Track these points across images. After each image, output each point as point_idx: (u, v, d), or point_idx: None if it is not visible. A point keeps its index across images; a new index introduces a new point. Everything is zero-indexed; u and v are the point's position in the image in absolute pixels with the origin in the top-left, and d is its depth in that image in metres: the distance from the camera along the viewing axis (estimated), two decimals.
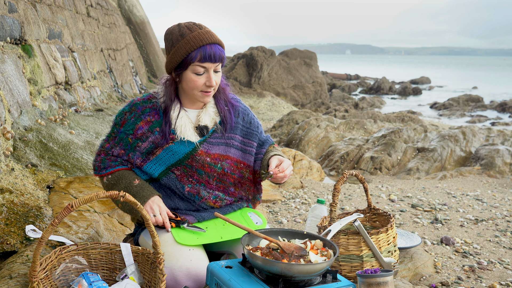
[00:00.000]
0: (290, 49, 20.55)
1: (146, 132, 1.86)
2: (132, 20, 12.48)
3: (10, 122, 3.25)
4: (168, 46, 1.81)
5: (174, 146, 1.86)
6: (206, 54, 1.75)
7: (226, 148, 1.94)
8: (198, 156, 1.88)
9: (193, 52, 1.74)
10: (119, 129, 1.90)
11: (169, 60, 1.80)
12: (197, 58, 1.75)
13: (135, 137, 1.87)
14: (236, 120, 1.98)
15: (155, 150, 1.88)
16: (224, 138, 1.93)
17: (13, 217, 2.23)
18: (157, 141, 1.86)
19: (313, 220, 2.49)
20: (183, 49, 1.74)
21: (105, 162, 1.91)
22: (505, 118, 16.74)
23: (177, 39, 1.76)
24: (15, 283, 1.64)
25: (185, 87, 1.84)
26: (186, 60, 1.76)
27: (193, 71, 1.78)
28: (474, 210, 3.90)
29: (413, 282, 2.32)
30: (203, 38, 1.75)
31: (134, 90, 9.27)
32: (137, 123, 1.87)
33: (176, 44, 1.76)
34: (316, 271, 1.50)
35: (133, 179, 1.87)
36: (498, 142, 7.57)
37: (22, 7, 4.01)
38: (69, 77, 5.09)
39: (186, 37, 1.75)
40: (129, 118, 1.88)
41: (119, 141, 1.90)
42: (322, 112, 14.71)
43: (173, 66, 1.80)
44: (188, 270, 1.73)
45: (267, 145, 2.08)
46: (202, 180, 1.92)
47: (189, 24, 1.80)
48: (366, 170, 6.85)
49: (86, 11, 7.19)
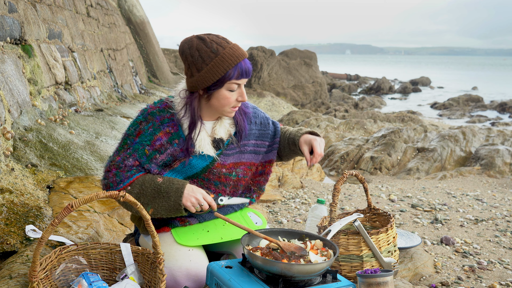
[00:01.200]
0: (290, 49, 20.54)
1: (165, 143, 1.78)
2: (132, 20, 12.48)
3: (10, 122, 3.25)
4: (195, 62, 1.71)
5: (193, 159, 1.81)
6: (243, 71, 1.72)
7: (239, 156, 1.93)
8: (214, 169, 1.85)
9: (231, 70, 1.69)
10: (133, 140, 1.78)
11: (201, 79, 1.71)
12: (235, 76, 1.70)
13: (152, 149, 1.77)
14: (249, 128, 1.96)
15: (173, 163, 1.81)
16: (238, 147, 1.92)
17: (13, 217, 2.23)
18: (176, 153, 1.79)
19: (313, 220, 2.49)
20: (220, 67, 1.68)
21: (120, 175, 1.77)
22: (505, 118, 16.74)
23: (209, 56, 1.69)
24: (15, 283, 1.64)
25: (216, 104, 1.77)
26: (223, 79, 1.70)
27: (227, 88, 1.73)
28: (474, 210, 3.90)
29: (413, 282, 2.32)
30: (238, 54, 1.70)
31: (134, 90, 9.27)
32: (155, 134, 1.77)
33: (209, 61, 1.69)
34: (316, 271, 1.50)
35: (155, 178, 1.76)
36: (498, 142, 7.57)
37: (22, 7, 4.01)
38: (69, 77, 5.09)
39: (220, 54, 1.69)
40: (146, 128, 1.77)
41: (133, 152, 1.78)
42: (322, 112, 14.72)
43: (207, 84, 1.72)
44: (188, 271, 1.73)
45: (279, 132, 2.07)
46: (218, 190, 1.91)
47: (215, 39, 1.72)
48: (366, 170, 6.85)
49: (86, 11, 7.19)
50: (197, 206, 1.75)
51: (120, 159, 1.78)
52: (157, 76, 13.27)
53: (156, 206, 1.75)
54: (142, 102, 8.00)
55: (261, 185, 2.08)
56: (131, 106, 6.97)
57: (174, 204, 1.74)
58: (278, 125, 2.10)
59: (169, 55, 18.99)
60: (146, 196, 1.75)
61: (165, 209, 1.76)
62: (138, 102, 7.80)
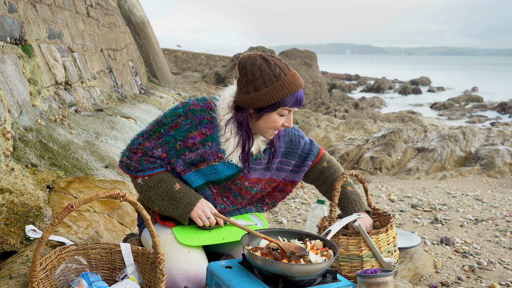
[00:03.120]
0: (290, 49, 20.53)
1: (198, 143, 1.79)
2: (132, 20, 12.48)
3: (10, 122, 3.25)
4: (254, 81, 1.72)
5: (220, 165, 1.83)
6: (298, 100, 1.75)
7: (264, 172, 1.95)
8: (238, 180, 1.88)
9: (288, 97, 1.72)
10: (167, 130, 1.79)
11: (259, 99, 1.72)
12: (291, 103, 1.73)
13: (184, 145, 1.79)
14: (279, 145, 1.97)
15: (200, 164, 1.82)
16: (265, 164, 1.93)
17: (13, 217, 2.23)
18: (206, 155, 1.80)
19: (313, 220, 2.49)
20: (280, 93, 1.70)
21: (143, 163, 1.80)
22: (505, 118, 16.74)
23: (271, 79, 1.71)
24: (15, 283, 1.64)
25: (262, 125, 1.78)
26: (279, 103, 1.73)
27: (279, 113, 1.76)
28: (474, 210, 3.90)
29: (413, 282, 2.32)
30: (297, 83, 1.73)
31: (134, 90, 9.27)
32: (191, 132, 1.78)
33: (269, 84, 1.70)
34: (316, 271, 1.50)
35: (173, 183, 1.80)
36: (498, 142, 7.57)
37: (22, 7, 4.01)
38: (69, 77, 5.09)
39: (281, 80, 1.71)
40: (183, 124, 1.78)
41: (164, 143, 1.79)
42: (322, 112, 14.71)
43: (263, 105, 1.73)
44: (187, 273, 1.73)
45: (312, 156, 2.04)
46: (235, 202, 1.94)
47: (279, 63, 1.74)
48: (366, 170, 6.85)
49: (86, 11, 7.19)
50: (204, 219, 1.80)
51: (150, 146, 1.80)
52: (157, 76, 13.27)
53: (162, 208, 1.82)
54: (142, 102, 8.00)
55: (276, 201, 2.10)
56: (131, 106, 6.97)
57: (180, 216, 1.81)
58: (314, 149, 2.06)
59: (169, 55, 18.98)
60: (157, 194, 1.80)
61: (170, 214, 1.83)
62: (138, 102, 7.80)
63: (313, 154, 2.05)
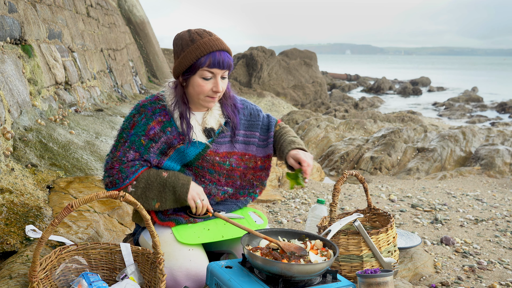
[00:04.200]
0: (290, 49, 20.54)
1: (159, 132, 1.84)
2: (132, 20, 12.48)
3: (10, 122, 3.25)
4: (177, 51, 1.83)
5: (185, 147, 1.87)
6: (215, 60, 1.77)
7: (231, 145, 1.98)
8: (208, 156, 1.90)
9: (202, 57, 1.76)
10: (128, 132, 1.84)
11: (178, 64, 1.81)
12: (206, 63, 1.77)
13: (147, 138, 1.83)
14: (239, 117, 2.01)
15: (167, 151, 1.87)
16: (230, 137, 1.97)
17: (13, 217, 2.23)
18: (169, 141, 1.86)
19: (313, 220, 2.49)
20: (193, 54, 1.77)
21: (124, 170, 1.81)
22: (505, 118, 16.74)
23: (187, 44, 1.79)
24: (15, 283, 1.64)
25: (192, 92, 1.84)
26: (195, 65, 1.77)
27: (201, 76, 1.80)
28: (474, 210, 3.90)
29: (413, 282, 2.32)
30: (213, 44, 1.78)
31: (134, 90, 9.27)
32: (148, 124, 1.84)
33: (186, 49, 1.79)
34: (316, 271, 1.50)
35: (160, 173, 1.83)
36: (498, 142, 7.57)
37: (22, 7, 4.01)
38: (69, 77, 5.09)
39: (196, 42, 1.78)
40: (139, 120, 1.84)
41: (131, 145, 1.83)
42: (322, 112, 14.71)
43: (182, 70, 1.81)
44: (188, 271, 1.74)
45: (272, 126, 2.09)
46: (213, 179, 1.95)
47: (199, 31, 1.82)
48: (366, 170, 6.85)
49: (86, 11, 7.19)
50: (197, 201, 1.82)
51: (121, 154, 1.83)
52: (157, 76, 13.27)
53: (163, 199, 1.83)
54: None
55: (263, 180, 2.12)
56: (131, 106, 6.97)
57: (180, 198, 1.82)
58: (272, 120, 2.12)
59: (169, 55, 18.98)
60: (152, 190, 1.81)
61: (172, 201, 1.84)
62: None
63: (272, 124, 2.10)
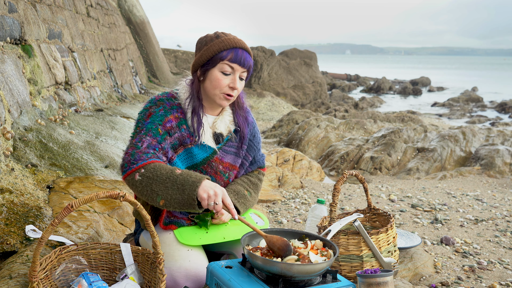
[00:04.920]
0: (290, 49, 20.53)
1: (175, 127, 1.81)
2: (132, 20, 12.48)
3: (10, 122, 3.25)
4: (199, 47, 1.84)
5: (195, 148, 1.85)
6: (237, 56, 1.79)
7: (235, 158, 1.96)
8: (213, 162, 1.88)
9: (225, 51, 1.78)
10: (144, 121, 1.80)
11: (199, 57, 1.82)
12: (228, 57, 1.78)
13: (164, 129, 1.78)
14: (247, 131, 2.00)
15: (178, 148, 1.84)
16: (236, 148, 1.95)
17: (13, 217, 2.23)
18: (182, 139, 1.83)
19: (313, 220, 2.49)
20: (216, 46, 1.78)
21: (135, 155, 1.72)
22: (505, 118, 16.73)
23: (212, 39, 1.81)
24: (15, 283, 1.64)
25: (208, 86, 1.83)
26: (217, 57, 1.78)
27: (220, 70, 1.80)
28: (474, 210, 3.90)
29: (413, 282, 2.32)
30: (237, 41, 1.81)
31: (134, 90, 9.27)
32: (166, 116, 1.81)
33: (209, 43, 1.81)
34: (316, 271, 1.50)
35: (173, 169, 1.69)
36: (498, 142, 7.57)
37: (22, 7, 4.01)
38: (69, 77, 5.09)
39: (221, 38, 1.80)
40: (156, 111, 1.81)
41: (147, 132, 1.77)
42: (322, 112, 14.71)
43: (202, 62, 1.81)
44: (187, 271, 1.73)
45: (256, 167, 2.08)
46: None
47: (225, 33, 1.85)
48: (366, 170, 6.85)
49: (86, 11, 7.19)
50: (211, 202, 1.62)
51: (136, 140, 1.77)
52: (157, 76, 13.27)
53: (168, 197, 1.66)
54: (142, 102, 8.00)
55: None
56: (131, 106, 6.97)
57: (188, 198, 1.64)
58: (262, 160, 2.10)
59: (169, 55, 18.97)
60: (159, 183, 1.66)
61: (178, 202, 1.66)
62: (138, 102, 7.80)
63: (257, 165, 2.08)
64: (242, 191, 1.95)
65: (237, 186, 1.95)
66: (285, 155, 5.72)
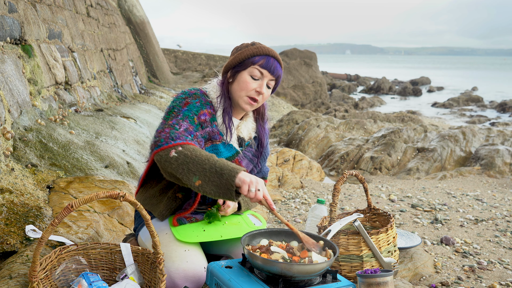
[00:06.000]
0: (290, 49, 20.54)
1: (208, 121, 1.85)
2: (132, 20, 12.48)
3: (10, 122, 3.25)
4: (234, 52, 1.91)
5: (221, 146, 1.89)
6: (269, 63, 1.85)
7: (249, 164, 2.01)
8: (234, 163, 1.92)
9: (258, 56, 1.85)
10: (181, 108, 1.80)
11: (232, 59, 1.88)
12: (260, 62, 1.84)
13: (198, 120, 1.82)
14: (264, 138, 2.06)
15: (205, 143, 1.87)
16: (252, 154, 2.01)
17: (13, 217, 2.23)
18: (212, 134, 1.86)
19: (313, 220, 2.49)
20: (250, 51, 1.85)
21: (174, 133, 1.70)
22: (505, 118, 16.74)
23: (247, 45, 1.89)
24: (15, 283, 1.64)
25: (236, 88, 1.87)
26: (249, 61, 1.84)
27: (250, 73, 1.85)
28: (474, 210, 3.90)
29: (413, 282, 2.32)
30: (271, 51, 1.88)
31: (134, 90, 9.27)
32: (202, 109, 1.84)
33: (243, 48, 1.88)
34: (316, 271, 1.50)
35: (212, 155, 1.66)
36: (498, 142, 7.57)
37: (22, 7, 4.01)
38: (69, 77, 5.09)
39: (256, 45, 1.88)
40: (193, 102, 1.83)
41: (184, 117, 1.77)
42: (322, 112, 14.71)
43: (235, 63, 1.87)
44: (185, 272, 1.73)
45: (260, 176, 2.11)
46: None
47: (261, 42, 1.92)
48: (366, 170, 6.85)
49: (86, 11, 7.19)
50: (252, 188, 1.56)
51: (174, 122, 1.75)
52: (157, 76, 13.27)
53: (206, 179, 1.59)
54: (142, 102, 8.00)
55: None
56: (131, 106, 6.97)
57: (226, 183, 1.57)
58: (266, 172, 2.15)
59: (169, 55, 18.97)
60: (196, 164, 1.61)
61: (216, 185, 1.59)
62: (138, 102, 7.80)
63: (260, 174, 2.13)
64: None
65: None
66: (285, 155, 5.72)
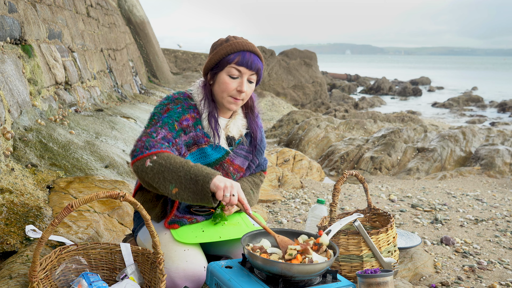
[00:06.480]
0: (290, 49, 20.53)
1: (191, 126, 1.83)
2: (132, 20, 12.48)
3: (10, 122, 3.25)
4: (211, 51, 1.88)
5: (209, 148, 1.87)
6: (244, 59, 1.81)
7: (244, 161, 1.99)
8: (225, 163, 1.91)
9: (232, 54, 1.80)
10: (161, 115, 1.80)
11: (209, 60, 1.86)
12: (234, 60, 1.80)
13: (180, 126, 1.79)
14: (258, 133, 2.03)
15: (191, 147, 1.85)
16: (246, 151, 1.99)
17: (13, 217, 2.23)
18: (197, 138, 1.84)
19: (313, 220, 2.49)
20: (224, 50, 1.81)
21: (150, 141, 1.71)
22: (505, 118, 16.74)
23: (221, 43, 1.85)
24: (15, 283, 1.64)
25: (217, 90, 1.85)
26: (224, 61, 1.81)
27: (228, 73, 1.82)
28: (474, 210, 3.90)
29: (413, 282, 2.32)
30: (245, 44, 1.82)
31: (134, 90, 9.27)
32: (184, 114, 1.82)
33: (218, 47, 1.84)
34: (316, 271, 1.50)
35: (187, 161, 1.68)
36: (498, 142, 7.57)
37: (22, 7, 4.01)
38: (69, 77, 5.09)
39: (229, 41, 1.83)
40: (174, 108, 1.81)
41: (163, 125, 1.77)
42: (322, 112, 14.71)
43: (211, 65, 1.85)
44: (185, 272, 1.73)
45: (259, 169, 2.12)
46: None
47: (237, 36, 1.88)
48: (366, 170, 6.85)
49: (86, 11, 7.19)
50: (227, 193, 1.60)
51: (151, 130, 1.76)
52: (157, 76, 13.27)
53: (182, 186, 1.63)
54: (142, 102, 8.00)
55: None
56: (131, 106, 6.97)
57: (202, 189, 1.62)
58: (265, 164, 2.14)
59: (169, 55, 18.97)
60: (171, 172, 1.64)
61: (192, 192, 1.63)
62: (138, 102, 7.80)
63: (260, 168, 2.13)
64: (248, 189, 1.99)
65: (244, 184, 2.00)
66: (285, 155, 5.72)
